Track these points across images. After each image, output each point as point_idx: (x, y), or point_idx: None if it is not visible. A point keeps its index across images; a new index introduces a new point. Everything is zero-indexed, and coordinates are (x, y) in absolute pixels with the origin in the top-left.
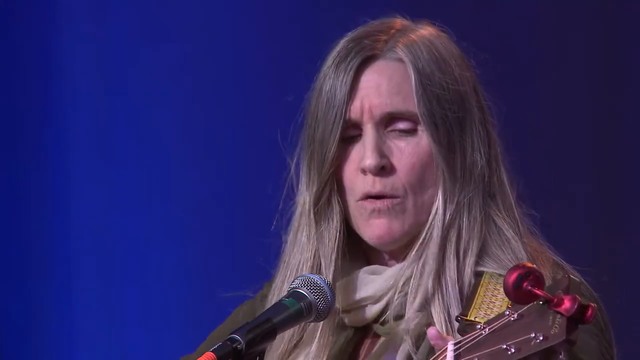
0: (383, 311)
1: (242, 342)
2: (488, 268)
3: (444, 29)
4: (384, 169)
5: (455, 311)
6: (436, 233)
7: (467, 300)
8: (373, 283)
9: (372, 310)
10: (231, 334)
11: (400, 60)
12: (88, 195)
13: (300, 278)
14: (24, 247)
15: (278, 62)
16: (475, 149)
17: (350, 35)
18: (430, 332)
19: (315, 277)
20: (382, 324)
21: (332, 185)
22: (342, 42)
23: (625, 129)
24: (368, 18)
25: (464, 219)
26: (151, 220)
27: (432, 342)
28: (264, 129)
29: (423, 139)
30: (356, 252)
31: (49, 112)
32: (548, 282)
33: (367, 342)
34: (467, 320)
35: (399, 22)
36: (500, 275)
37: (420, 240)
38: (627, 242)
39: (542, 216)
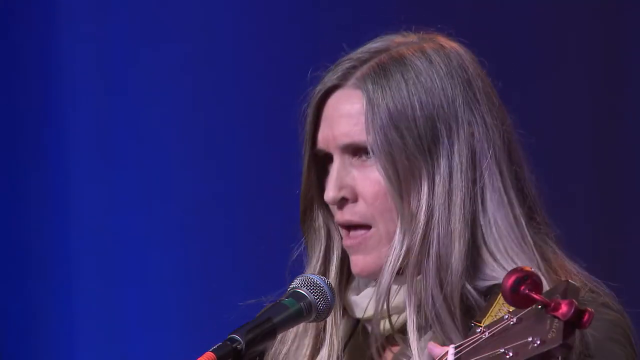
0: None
1: (242, 342)
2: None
3: (456, 39)
4: (346, 200)
5: (454, 336)
6: (389, 263)
7: (485, 307)
8: (396, 295)
9: (396, 321)
10: (231, 334)
11: (359, 88)
12: (88, 195)
13: (300, 278)
14: (24, 247)
15: (278, 62)
16: (454, 173)
17: (340, 60)
18: (429, 346)
19: (315, 277)
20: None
21: (314, 212)
22: (328, 70)
23: (625, 129)
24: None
25: (441, 244)
26: (151, 220)
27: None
28: (264, 129)
29: None
30: None
31: (49, 112)
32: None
33: (388, 350)
34: (480, 326)
35: (395, 41)
36: None
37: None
38: (627, 242)
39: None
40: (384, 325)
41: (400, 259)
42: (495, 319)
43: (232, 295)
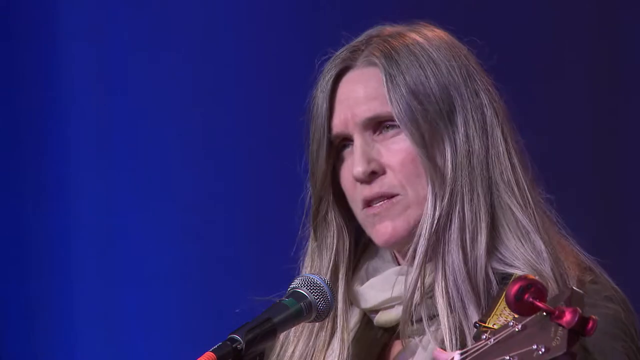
0: (411, 312)
1: (242, 342)
2: (511, 261)
3: (440, 26)
4: (375, 174)
5: (465, 310)
6: (424, 230)
7: (489, 306)
8: (400, 285)
9: (400, 311)
10: (231, 333)
11: (374, 64)
12: (88, 195)
13: (300, 278)
14: (24, 247)
15: (278, 62)
16: (470, 138)
17: (337, 52)
18: (434, 353)
19: (315, 277)
20: (411, 324)
21: (327, 202)
22: (329, 62)
23: (625, 129)
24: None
25: (465, 210)
26: (151, 220)
27: None
28: (264, 129)
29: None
30: (384, 250)
31: (49, 113)
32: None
33: (397, 342)
34: (484, 326)
35: (388, 29)
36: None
37: (415, 238)
38: (627, 242)
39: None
40: (397, 312)
41: (435, 222)
42: (500, 323)
43: (232, 295)
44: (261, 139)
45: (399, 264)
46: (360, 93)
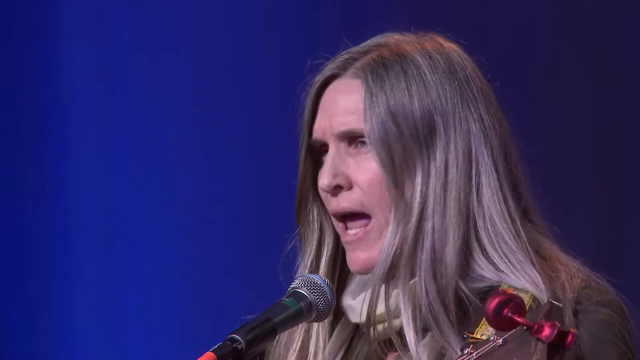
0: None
1: (242, 342)
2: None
3: (454, 41)
4: (340, 188)
5: (445, 329)
6: (383, 257)
7: (477, 317)
8: (393, 298)
9: (393, 325)
10: (231, 333)
11: (358, 77)
12: (88, 195)
13: (300, 278)
14: (24, 247)
15: (278, 63)
16: (450, 166)
17: (338, 54)
18: None
19: (315, 277)
20: (402, 338)
21: (306, 205)
22: (330, 61)
23: (625, 129)
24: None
25: (435, 238)
26: (151, 220)
27: None
28: (264, 129)
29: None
30: None
31: (49, 113)
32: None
33: (390, 356)
34: (472, 337)
35: (395, 38)
36: (516, 288)
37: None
38: (627, 242)
39: (542, 216)
40: (383, 327)
41: (394, 248)
42: (488, 334)
43: (232, 295)
44: (261, 139)
45: None
46: (340, 104)
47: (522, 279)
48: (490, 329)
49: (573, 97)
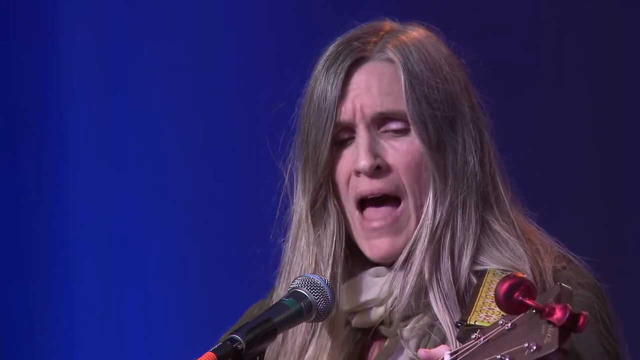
0: (390, 312)
1: (242, 342)
2: (489, 265)
3: (432, 29)
4: (379, 169)
5: (454, 313)
6: (425, 233)
7: (468, 303)
8: (376, 286)
9: (377, 313)
10: (231, 334)
11: (390, 60)
12: (88, 195)
13: (300, 278)
14: (24, 247)
15: (278, 62)
16: (467, 149)
17: (339, 39)
18: (420, 353)
19: (315, 277)
20: (388, 325)
21: (328, 189)
22: (332, 46)
23: (625, 129)
24: (357, 21)
25: (458, 219)
26: (151, 220)
27: None
28: (264, 130)
29: (416, 139)
30: (359, 252)
31: (49, 113)
32: (549, 273)
33: (375, 343)
34: (467, 325)
35: (388, 24)
36: (503, 271)
37: (411, 242)
38: (627, 242)
39: (542, 216)
40: (374, 313)
41: (435, 227)
42: (481, 320)
43: (232, 295)
44: (261, 139)
45: (372, 264)
46: (374, 86)
47: (507, 255)
48: (483, 314)
49: (573, 97)
